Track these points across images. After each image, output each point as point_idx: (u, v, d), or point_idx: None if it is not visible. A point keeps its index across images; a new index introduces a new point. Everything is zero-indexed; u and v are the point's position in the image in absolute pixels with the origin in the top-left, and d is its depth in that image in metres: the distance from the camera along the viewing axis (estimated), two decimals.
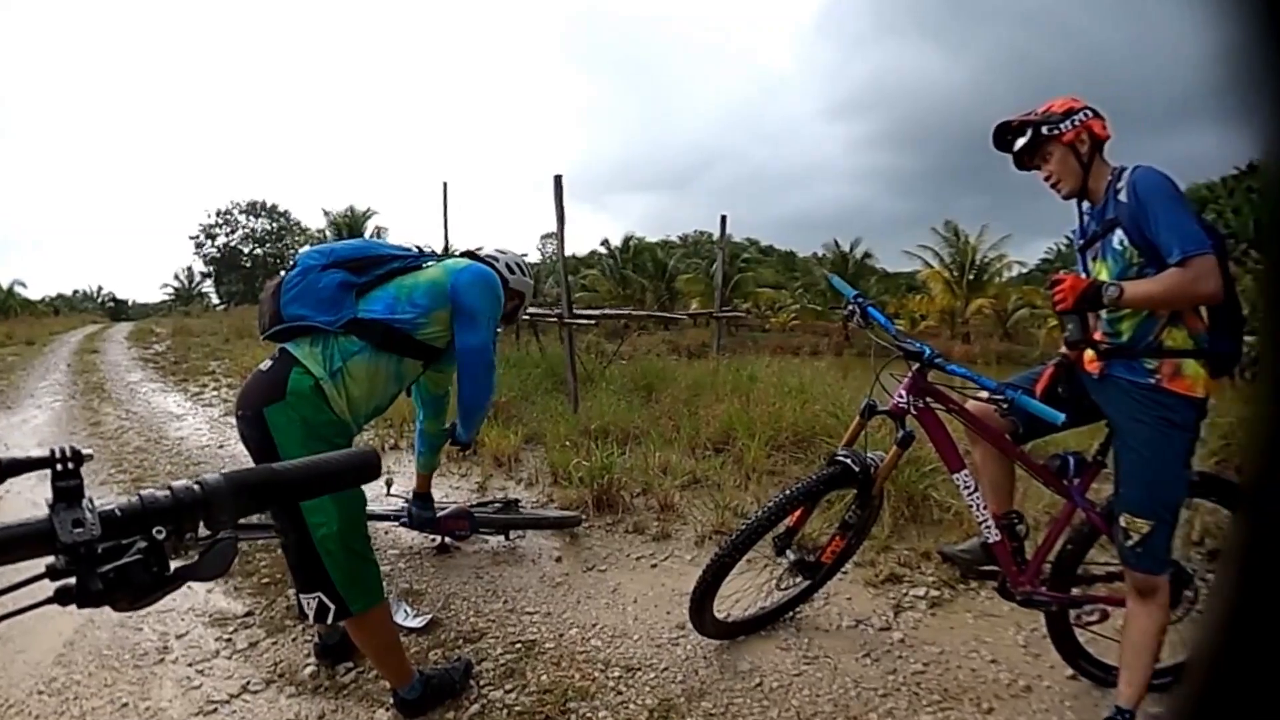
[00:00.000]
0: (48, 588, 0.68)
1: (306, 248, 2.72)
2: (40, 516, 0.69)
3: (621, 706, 2.73)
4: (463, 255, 3.13)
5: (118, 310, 58.60)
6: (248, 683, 2.90)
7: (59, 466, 0.71)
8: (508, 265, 3.23)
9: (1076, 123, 2.39)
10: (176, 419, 8.23)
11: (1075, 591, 2.81)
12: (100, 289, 65.07)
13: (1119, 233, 2.35)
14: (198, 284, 57.56)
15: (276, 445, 2.36)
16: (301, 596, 2.46)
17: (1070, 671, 2.91)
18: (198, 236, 55.73)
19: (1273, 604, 0.52)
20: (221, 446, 6.78)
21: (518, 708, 2.72)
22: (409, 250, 2.88)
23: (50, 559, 0.69)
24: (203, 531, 0.79)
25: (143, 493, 0.75)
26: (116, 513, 0.72)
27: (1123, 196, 2.31)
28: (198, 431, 7.53)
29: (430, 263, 2.85)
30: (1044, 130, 2.41)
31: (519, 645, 3.12)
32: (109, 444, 6.97)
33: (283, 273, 2.65)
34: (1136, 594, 2.45)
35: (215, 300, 53.57)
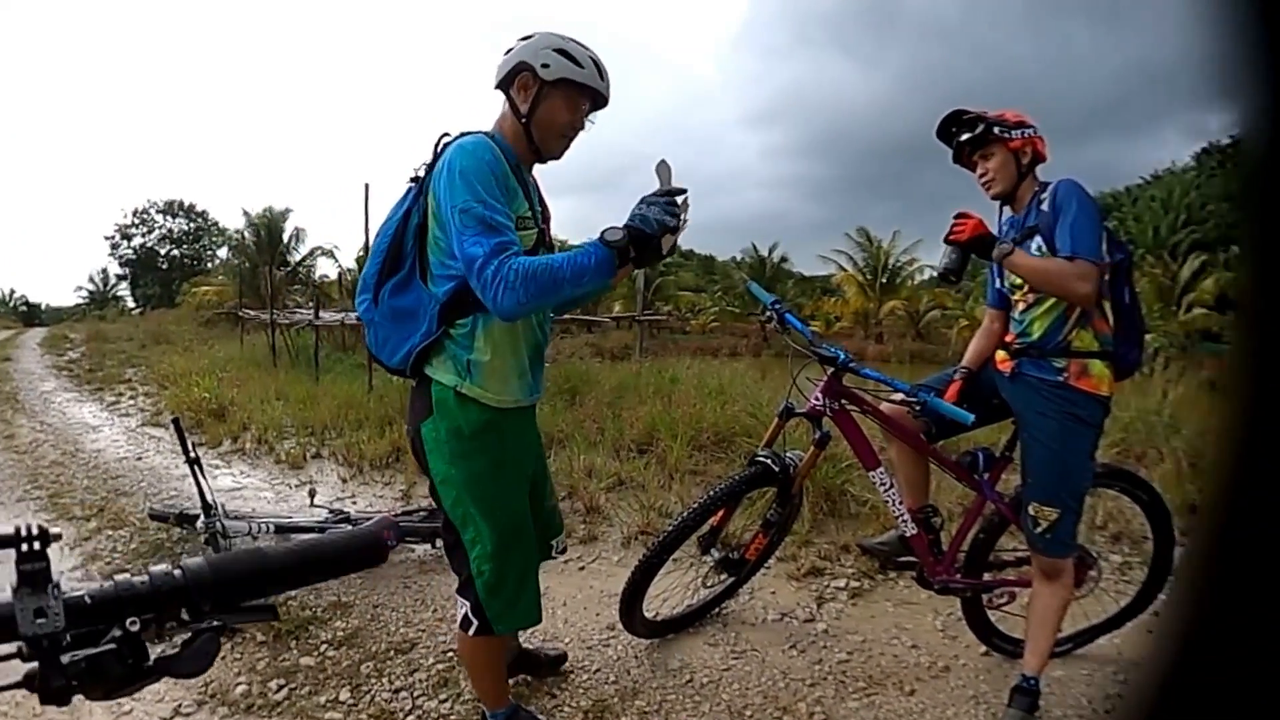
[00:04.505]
0: (19, 667, 0.64)
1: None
2: (2, 599, 0.64)
3: (556, 710, 2.75)
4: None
5: (31, 315, 55.93)
6: (179, 705, 2.82)
7: (24, 546, 0.65)
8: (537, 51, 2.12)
9: (1025, 135, 2.51)
10: (93, 430, 7.97)
11: (987, 577, 2.95)
12: (12, 292, 61.99)
13: (1037, 239, 2.49)
14: (113, 286, 55.31)
15: (428, 462, 2.21)
16: (458, 596, 2.29)
17: (984, 649, 3.07)
18: (113, 237, 53.66)
19: (1230, 617, 0.53)
20: (140, 459, 6.58)
21: (453, 717, 2.73)
22: (411, 191, 2.22)
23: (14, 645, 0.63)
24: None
25: (118, 578, 0.70)
26: (86, 600, 0.67)
27: (1045, 206, 2.47)
28: (115, 443, 7.29)
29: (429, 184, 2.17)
30: (995, 130, 2.51)
31: (450, 654, 3.10)
32: (24, 458, 6.72)
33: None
34: (1043, 576, 2.62)
35: (131, 304, 51.62)
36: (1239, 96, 0.46)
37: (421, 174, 2.17)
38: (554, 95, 2.12)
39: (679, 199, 2.02)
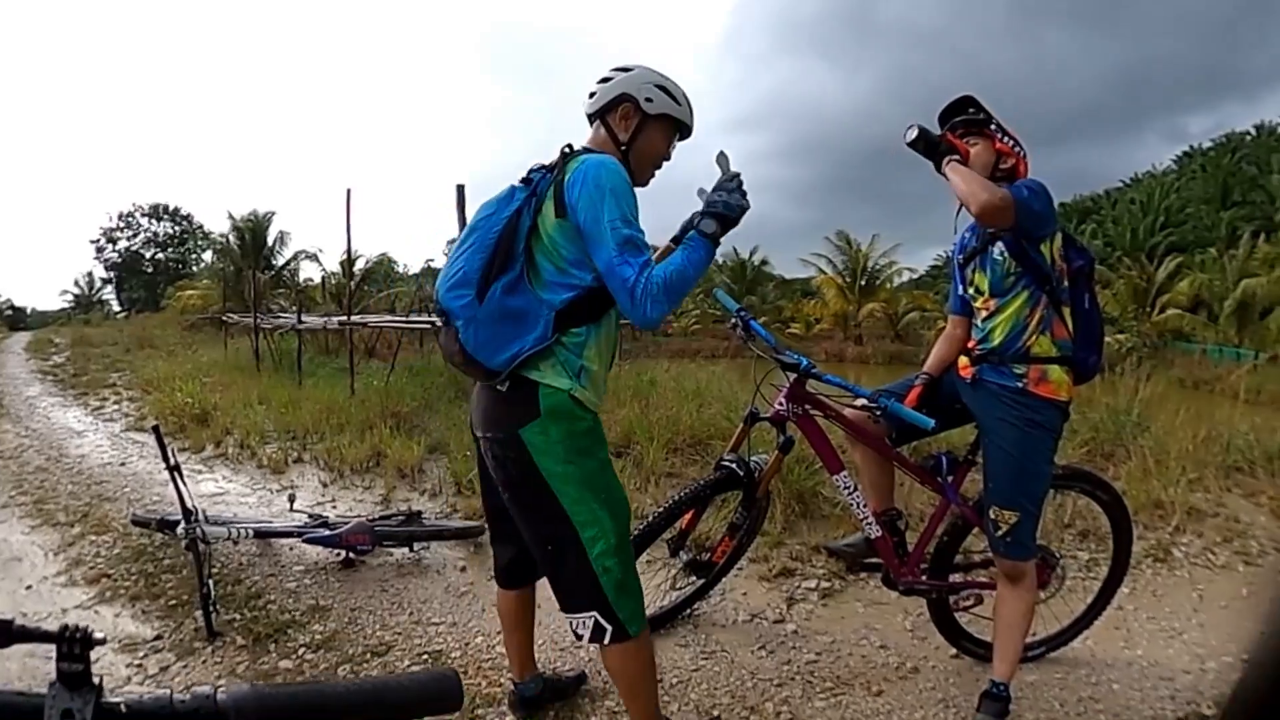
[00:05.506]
0: None
1: (440, 288, 2.22)
2: (38, 691, 0.65)
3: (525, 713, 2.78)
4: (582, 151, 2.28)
5: (16, 319, 55.23)
6: None
7: (64, 647, 0.65)
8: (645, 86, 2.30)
9: (1016, 149, 2.60)
10: (77, 435, 7.94)
11: (954, 578, 3.01)
12: None
13: (999, 245, 2.55)
14: (98, 290, 55.27)
15: (538, 466, 2.16)
16: (573, 617, 2.23)
17: (954, 651, 3.12)
18: (98, 240, 53.70)
19: None
20: (123, 464, 6.56)
21: None
22: (518, 191, 2.24)
23: None
24: None
25: (159, 691, 0.69)
26: (122, 709, 0.66)
27: None
28: (99, 448, 7.27)
29: (545, 189, 2.20)
30: (991, 126, 2.61)
31: (425, 656, 3.15)
32: (9, 464, 6.71)
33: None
34: (1006, 579, 2.67)
35: (116, 307, 51.45)
36: None
37: (534, 178, 2.23)
38: (653, 127, 2.32)
39: (742, 183, 2.27)
